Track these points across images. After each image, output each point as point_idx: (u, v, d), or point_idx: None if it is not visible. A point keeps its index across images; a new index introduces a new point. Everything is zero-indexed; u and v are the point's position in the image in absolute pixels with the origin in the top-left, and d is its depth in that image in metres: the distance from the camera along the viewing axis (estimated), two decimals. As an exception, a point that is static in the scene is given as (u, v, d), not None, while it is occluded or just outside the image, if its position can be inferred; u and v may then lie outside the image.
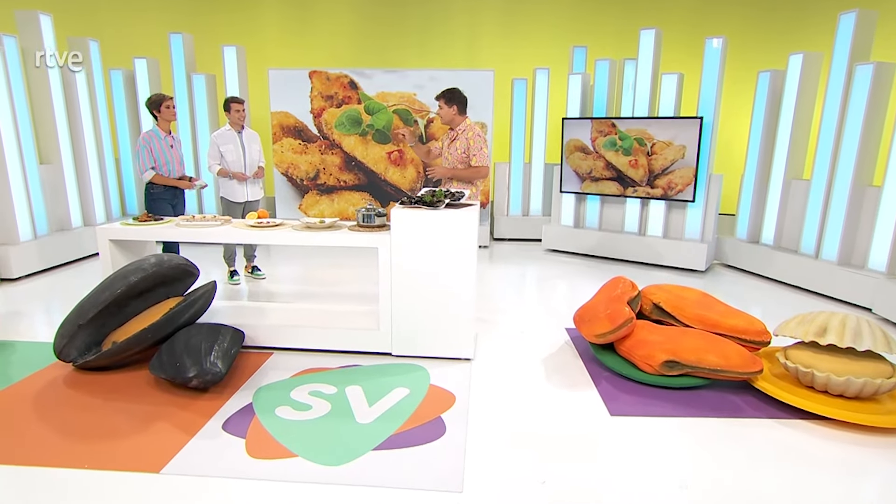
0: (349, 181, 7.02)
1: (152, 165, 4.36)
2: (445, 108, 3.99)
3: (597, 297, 3.58)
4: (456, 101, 3.97)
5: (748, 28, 7.55)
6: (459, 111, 4.00)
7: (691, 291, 3.51)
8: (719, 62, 5.26)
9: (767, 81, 5.25)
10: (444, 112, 4.00)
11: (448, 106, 3.98)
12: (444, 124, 4.13)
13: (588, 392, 3.04)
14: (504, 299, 4.82)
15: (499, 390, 3.05)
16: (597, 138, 6.17)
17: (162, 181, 4.41)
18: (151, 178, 4.38)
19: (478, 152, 3.94)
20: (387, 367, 3.29)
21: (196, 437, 2.49)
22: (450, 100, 3.97)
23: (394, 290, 3.29)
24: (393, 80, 6.75)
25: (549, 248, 6.74)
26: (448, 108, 3.98)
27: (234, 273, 5.05)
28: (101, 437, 2.48)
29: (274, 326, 3.46)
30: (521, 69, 7.35)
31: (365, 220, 3.39)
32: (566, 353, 3.59)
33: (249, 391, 2.94)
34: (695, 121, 5.41)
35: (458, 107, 3.99)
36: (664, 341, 3.05)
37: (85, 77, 6.04)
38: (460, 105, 4.00)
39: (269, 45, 8.03)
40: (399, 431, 2.58)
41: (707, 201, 5.65)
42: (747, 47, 7.40)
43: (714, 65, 5.30)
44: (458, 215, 3.18)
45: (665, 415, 2.77)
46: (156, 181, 4.40)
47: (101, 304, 2.92)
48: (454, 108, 3.98)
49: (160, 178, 4.40)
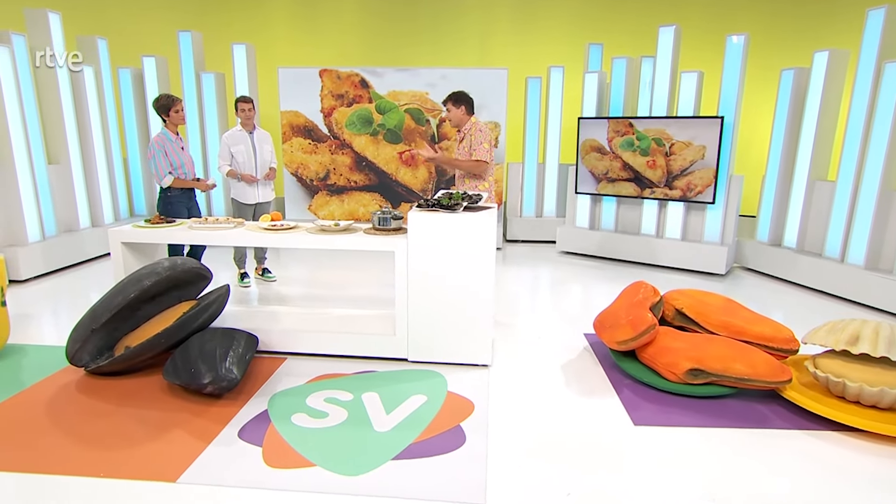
0: (360, 182, 7.03)
1: (170, 170, 4.35)
2: (454, 110, 4.02)
3: (617, 302, 3.55)
4: (463, 102, 4.01)
5: (771, 25, 7.49)
6: (467, 111, 4.04)
7: (715, 297, 3.47)
8: (741, 60, 5.21)
9: (791, 80, 5.19)
10: (453, 114, 4.04)
11: (456, 107, 4.01)
12: (454, 127, 4.17)
13: (610, 400, 3.02)
14: (519, 303, 4.80)
15: (518, 398, 3.03)
16: (613, 138, 6.14)
17: (180, 184, 4.40)
18: (171, 182, 4.36)
19: (478, 146, 3.97)
20: (403, 374, 3.28)
21: (212, 444, 2.49)
22: (457, 101, 4.00)
23: (410, 295, 3.29)
24: (405, 78, 6.75)
25: (564, 250, 6.71)
26: (456, 110, 4.02)
27: (244, 275, 5.07)
28: (115, 444, 2.49)
29: (287, 331, 3.46)
30: (534, 67, 7.33)
31: (381, 223, 3.38)
32: (585, 360, 3.56)
33: (264, 398, 2.94)
34: (715, 120, 5.36)
35: (465, 107, 4.02)
36: (688, 349, 3.02)
37: (93, 75, 6.09)
38: (468, 105, 4.03)
39: (278, 43, 8.06)
40: (418, 440, 2.57)
41: (727, 203, 5.60)
42: (769, 45, 7.33)
43: (736, 63, 5.25)
44: (476, 218, 3.17)
45: (690, 425, 2.75)
46: (175, 185, 4.39)
47: (114, 309, 2.93)
48: (462, 108, 4.01)
49: (179, 181, 4.39)
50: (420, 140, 6.87)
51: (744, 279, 5.60)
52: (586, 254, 6.54)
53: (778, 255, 5.46)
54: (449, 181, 7.01)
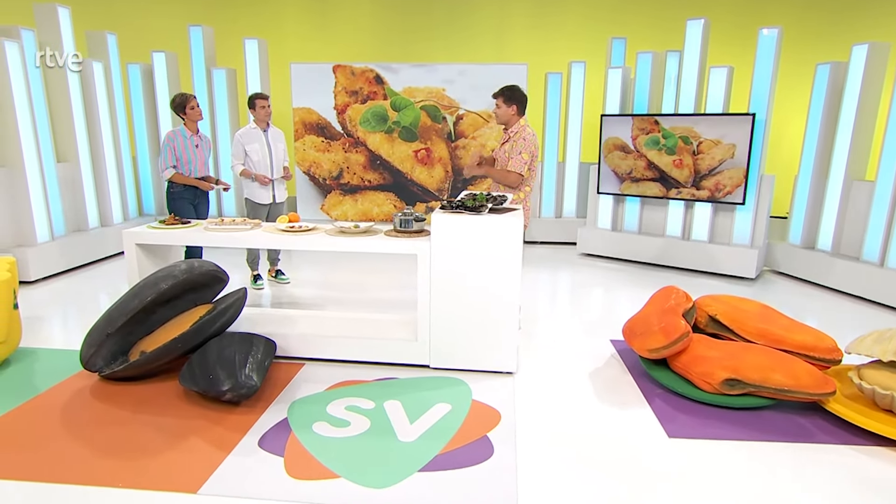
0: (374, 181, 7.03)
1: (173, 164, 4.41)
2: (504, 108, 3.79)
3: (647, 308, 3.51)
4: (516, 101, 3.78)
5: (804, 17, 7.39)
6: (518, 111, 3.81)
7: (751, 303, 3.42)
8: (774, 54, 5.15)
9: (827, 74, 5.12)
10: (503, 111, 3.80)
11: (507, 105, 3.78)
12: (500, 124, 3.93)
13: (642, 411, 2.98)
14: (540, 307, 4.77)
15: (546, 407, 3.00)
16: (638, 136, 6.09)
17: (181, 180, 4.45)
18: (170, 176, 4.43)
19: (516, 156, 3.72)
20: (425, 381, 3.26)
21: (232, 454, 2.49)
22: (510, 98, 3.76)
23: (433, 300, 3.27)
24: (421, 74, 6.74)
25: (584, 252, 6.67)
26: (507, 108, 3.78)
27: (257, 277, 5.08)
28: (132, 453, 2.49)
29: (305, 336, 3.46)
30: (554, 62, 7.29)
31: (403, 224, 3.37)
32: (614, 368, 3.53)
33: (283, 405, 2.94)
34: (746, 118, 5.30)
35: (517, 107, 3.79)
36: (724, 358, 2.98)
37: (102, 71, 6.13)
38: (520, 105, 3.80)
39: (290, 38, 8.09)
40: (444, 451, 2.55)
41: (758, 204, 5.53)
42: (803, 38, 7.24)
43: (768, 57, 5.19)
44: (502, 221, 3.14)
45: (727, 438, 2.70)
46: (175, 180, 4.45)
47: (130, 313, 2.94)
48: (514, 107, 3.78)
49: (179, 176, 4.45)
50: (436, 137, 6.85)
51: (775, 283, 5.52)
52: (608, 256, 6.50)
53: (812, 259, 5.38)
54: (466, 181, 6.99)
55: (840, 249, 5.28)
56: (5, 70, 4.95)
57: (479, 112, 6.79)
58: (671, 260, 6.01)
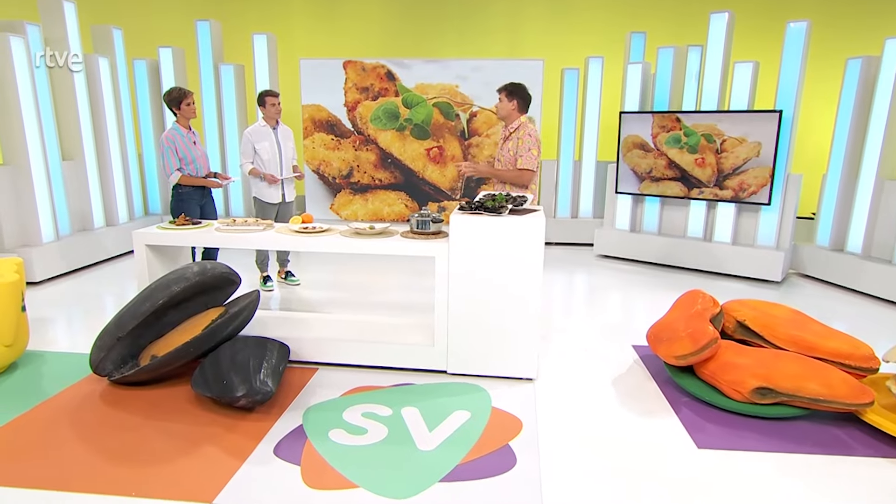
0: (385, 180, 7.02)
1: (178, 167, 4.38)
2: (505, 102, 3.89)
3: (672, 313, 3.48)
4: (518, 96, 3.87)
5: (833, 10, 7.31)
6: (519, 108, 3.90)
7: (781, 308, 3.38)
8: (802, 49, 5.09)
9: (858, 70, 5.05)
10: (503, 105, 3.91)
11: (509, 100, 3.87)
12: (500, 118, 4.04)
13: (668, 420, 2.95)
14: (558, 311, 4.74)
15: (568, 416, 2.98)
16: (658, 134, 6.04)
17: (190, 181, 4.43)
18: (178, 179, 4.40)
19: (525, 153, 3.80)
20: (443, 387, 3.25)
21: (247, 462, 2.48)
22: (512, 93, 3.86)
23: (451, 304, 3.25)
24: (434, 70, 6.73)
25: (602, 253, 6.64)
26: (508, 102, 3.88)
27: (267, 279, 5.08)
28: (145, 460, 2.49)
29: (319, 340, 3.45)
30: (571, 58, 7.25)
31: (420, 226, 3.36)
32: (637, 375, 3.50)
33: (298, 411, 2.93)
34: (773, 115, 5.24)
35: (518, 102, 3.88)
36: (755, 365, 2.94)
37: (108, 67, 6.16)
38: (522, 101, 3.89)
39: (299, 33, 8.10)
40: (466, 461, 2.53)
41: (784, 204, 5.48)
42: (832, 31, 7.15)
43: (796, 52, 5.13)
44: (523, 222, 3.12)
45: (760, 449, 2.67)
46: (183, 182, 4.42)
47: (141, 316, 2.95)
48: (514, 102, 3.88)
49: (188, 178, 4.42)
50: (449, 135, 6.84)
51: (802, 287, 5.46)
52: (626, 258, 6.45)
53: (840, 261, 5.32)
54: (480, 180, 6.97)
55: (871, 252, 5.21)
56: (10, 66, 4.97)
57: (494, 109, 6.75)
58: (692, 262, 5.96)
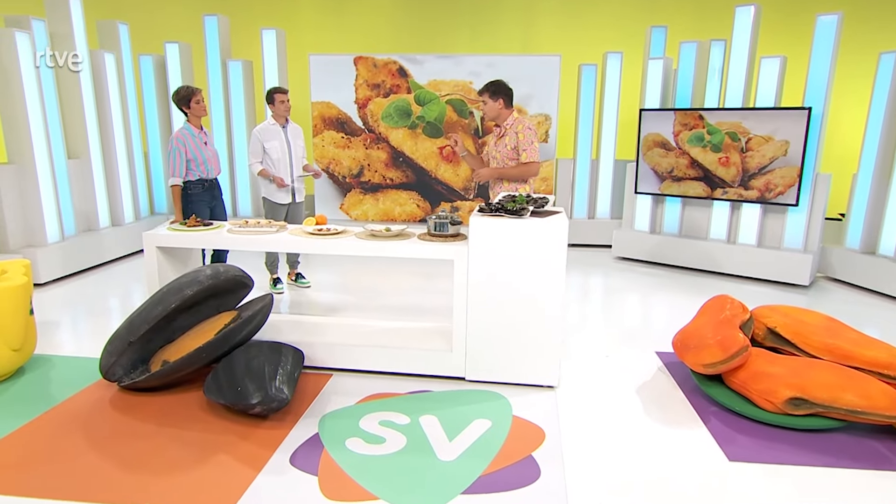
0: (396, 179, 7.02)
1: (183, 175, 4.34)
2: (491, 103, 3.93)
3: (700, 319, 3.44)
4: (502, 94, 3.91)
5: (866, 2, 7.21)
6: (506, 104, 3.95)
7: (814, 315, 3.34)
8: (833, 43, 5.04)
9: (892, 64, 5.00)
10: (490, 107, 3.95)
11: (493, 100, 3.92)
12: (490, 120, 4.09)
13: (697, 431, 2.92)
14: (576, 315, 4.71)
15: (592, 425, 2.96)
16: (680, 132, 6.00)
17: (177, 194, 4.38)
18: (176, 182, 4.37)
19: (528, 147, 3.88)
20: (462, 395, 3.23)
21: (263, 472, 2.48)
22: (495, 93, 3.91)
23: (470, 308, 3.24)
24: (447, 66, 6.71)
25: (620, 255, 6.60)
26: (493, 103, 3.92)
27: (277, 281, 5.09)
28: (159, 469, 2.49)
29: (333, 345, 3.45)
30: (588, 53, 7.22)
31: (438, 228, 3.34)
32: (662, 383, 3.47)
33: (313, 419, 2.93)
34: (801, 112, 5.19)
35: (504, 100, 3.93)
36: (788, 375, 2.90)
37: (114, 63, 6.19)
38: (506, 98, 3.94)
39: (308, 28, 8.12)
40: (488, 472, 2.52)
41: (812, 205, 5.42)
42: (864, 25, 7.07)
43: (826, 46, 5.08)
44: (546, 225, 3.10)
45: (794, 462, 2.63)
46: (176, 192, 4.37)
47: (153, 320, 2.95)
48: (500, 101, 3.92)
49: (177, 189, 4.38)
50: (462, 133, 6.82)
51: (831, 291, 5.41)
52: (646, 260, 6.42)
53: (872, 265, 5.26)
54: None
55: (904, 255, 5.16)
56: (15, 62, 5.01)
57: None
58: (715, 265, 5.91)
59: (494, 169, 4.02)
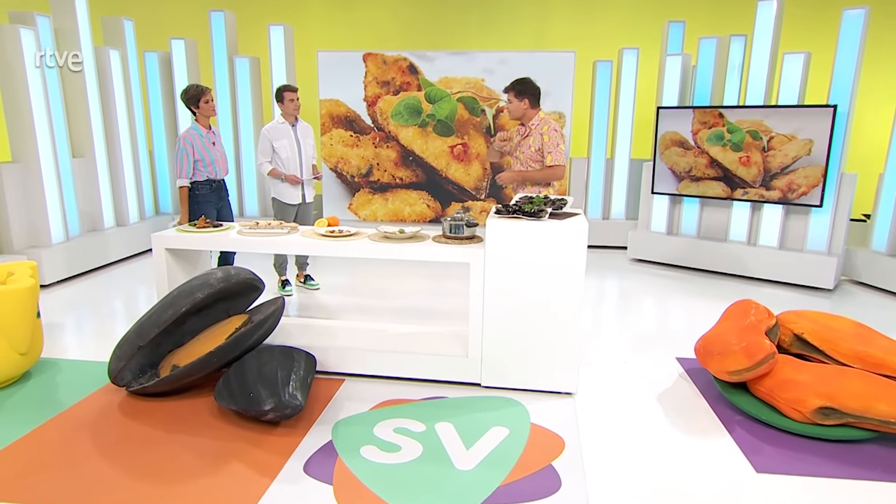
0: (406, 178, 7.01)
1: (191, 175, 4.34)
2: (516, 102, 3.88)
3: (723, 324, 3.42)
4: (528, 94, 3.87)
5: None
6: (532, 104, 3.90)
7: (842, 321, 3.31)
8: (860, 38, 4.99)
9: (920, 63, 4.96)
10: (514, 106, 3.90)
11: (518, 99, 3.87)
12: (514, 119, 4.03)
13: (722, 440, 2.89)
14: (592, 319, 4.69)
15: (613, 433, 2.94)
16: (699, 131, 5.97)
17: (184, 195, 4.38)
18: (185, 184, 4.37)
19: (554, 149, 3.82)
20: (477, 401, 3.22)
21: (277, 480, 2.47)
22: (521, 92, 3.86)
23: (486, 312, 3.22)
24: (458, 63, 6.70)
25: (636, 257, 6.58)
26: (518, 102, 3.88)
27: (285, 283, 5.09)
28: (171, 477, 2.49)
29: (345, 349, 3.44)
30: (604, 49, 7.18)
31: (453, 230, 3.33)
32: (684, 390, 3.44)
33: (326, 426, 2.92)
34: (826, 110, 5.15)
35: (529, 100, 3.88)
36: (816, 383, 2.88)
37: (119, 60, 6.22)
38: (532, 98, 3.89)
39: (316, 24, 8.11)
40: (507, 482, 2.50)
41: (837, 206, 5.38)
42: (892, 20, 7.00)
43: (853, 42, 5.03)
44: (565, 227, 3.09)
45: (824, 475, 2.60)
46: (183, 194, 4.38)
47: (164, 324, 2.95)
48: (525, 101, 3.88)
49: (184, 190, 4.39)
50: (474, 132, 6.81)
51: (856, 295, 5.36)
52: (662, 262, 6.39)
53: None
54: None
55: (932, 258, 5.11)
56: (20, 59, 5.03)
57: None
58: (734, 268, 5.87)
59: (518, 172, 3.99)
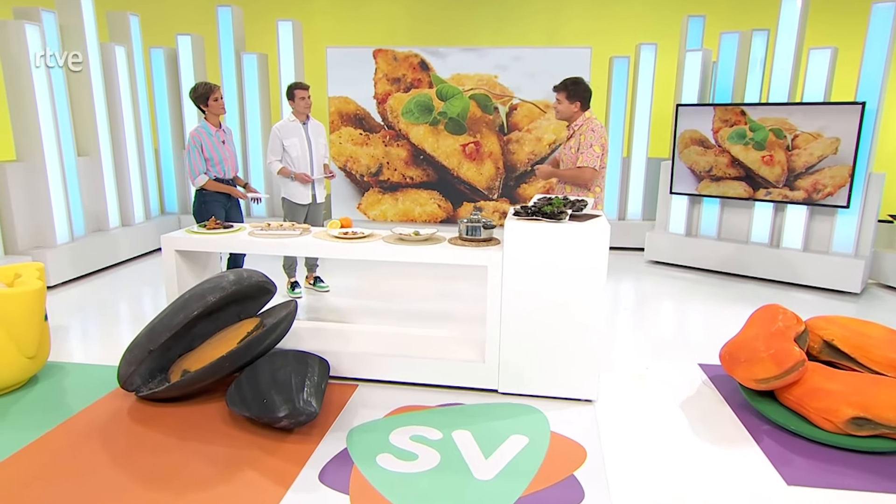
0: (416, 177, 7.00)
1: (205, 171, 4.37)
2: (566, 104, 3.79)
3: (749, 330, 3.38)
4: (580, 97, 3.77)
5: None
6: (582, 107, 3.81)
7: (875, 327, 3.26)
8: (890, 33, 4.94)
9: (951, 59, 4.90)
10: (565, 108, 3.81)
11: (570, 101, 3.78)
12: (561, 119, 3.97)
13: (749, 451, 2.86)
14: (611, 323, 4.66)
15: (636, 442, 2.92)
16: (720, 129, 5.93)
17: (214, 187, 4.41)
18: (203, 184, 4.39)
19: (586, 150, 3.72)
20: (495, 408, 3.20)
21: (292, 489, 2.47)
22: (573, 95, 3.76)
23: (504, 316, 3.21)
24: (471, 59, 6.68)
25: (653, 259, 6.55)
26: (570, 104, 3.79)
27: (294, 285, 5.09)
28: (183, 486, 2.49)
29: (359, 354, 3.44)
30: (621, 45, 7.16)
31: (470, 232, 3.31)
32: (708, 398, 3.41)
33: (341, 433, 2.91)
34: (854, 108, 5.10)
35: (581, 103, 3.79)
36: (849, 392, 2.84)
37: (125, 56, 6.24)
38: (584, 101, 3.79)
39: (325, 19, 8.13)
40: (528, 493, 2.48)
41: (864, 206, 5.32)
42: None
43: (882, 37, 4.97)
44: (586, 229, 3.07)
45: (858, 488, 2.57)
46: (208, 187, 4.41)
47: (175, 328, 2.95)
48: (577, 104, 3.79)
49: (213, 184, 4.40)
50: (486, 130, 6.79)
51: (884, 300, 5.30)
52: (681, 264, 6.35)
53: (928, 272, 5.16)
54: (518, 178, 6.91)
55: (963, 261, 5.05)
56: (25, 55, 5.06)
57: (536, 102, 6.70)
58: (756, 270, 5.83)
59: (552, 169, 3.97)
